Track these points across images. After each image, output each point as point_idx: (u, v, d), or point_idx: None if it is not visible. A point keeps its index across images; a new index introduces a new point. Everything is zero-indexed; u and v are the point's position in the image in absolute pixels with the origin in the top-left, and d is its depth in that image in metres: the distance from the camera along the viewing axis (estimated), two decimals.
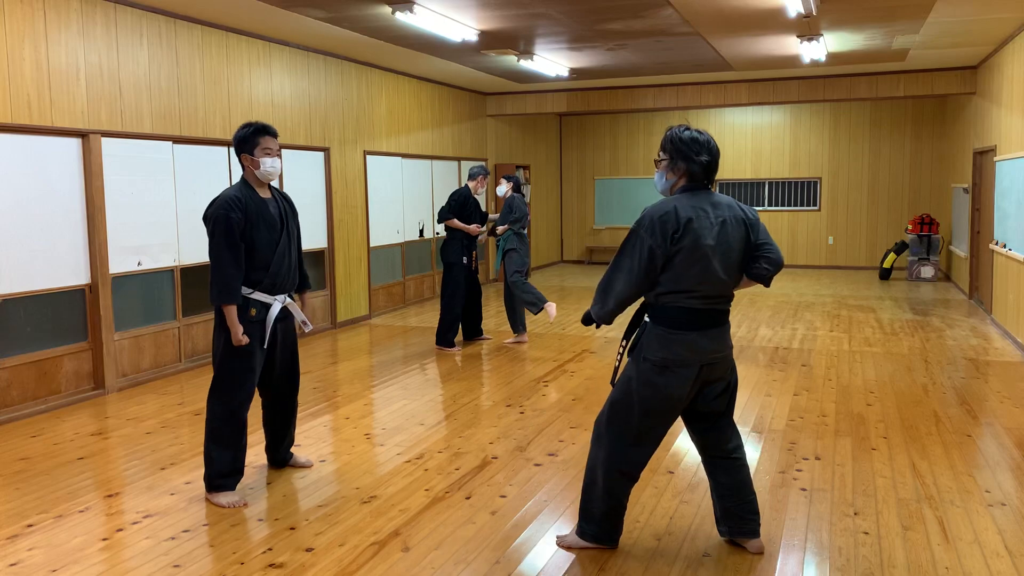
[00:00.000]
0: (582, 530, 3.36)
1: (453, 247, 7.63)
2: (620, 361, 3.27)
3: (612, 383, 3.29)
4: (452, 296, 7.62)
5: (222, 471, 3.93)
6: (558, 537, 3.44)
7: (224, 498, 3.90)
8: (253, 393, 3.99)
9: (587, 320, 3.23)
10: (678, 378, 3.09)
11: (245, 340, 3.81)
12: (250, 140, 3.93)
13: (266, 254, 3.90)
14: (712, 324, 3.12)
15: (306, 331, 4.25)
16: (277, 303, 3.99)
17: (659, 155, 3.26)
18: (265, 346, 3.97)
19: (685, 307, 3.07)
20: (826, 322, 8.92)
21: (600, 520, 3.31)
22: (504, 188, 7.98)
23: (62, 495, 4.10)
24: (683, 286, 3.05)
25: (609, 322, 3.18)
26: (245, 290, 3.87)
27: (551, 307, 7.53)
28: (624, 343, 3.26)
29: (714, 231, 3.05)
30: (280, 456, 4.39)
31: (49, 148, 5.79)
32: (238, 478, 3.99)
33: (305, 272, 4.30)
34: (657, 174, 3.28)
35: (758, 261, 3.14)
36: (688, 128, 3.18)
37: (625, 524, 3.61)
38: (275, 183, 4.17)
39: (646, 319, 3.18)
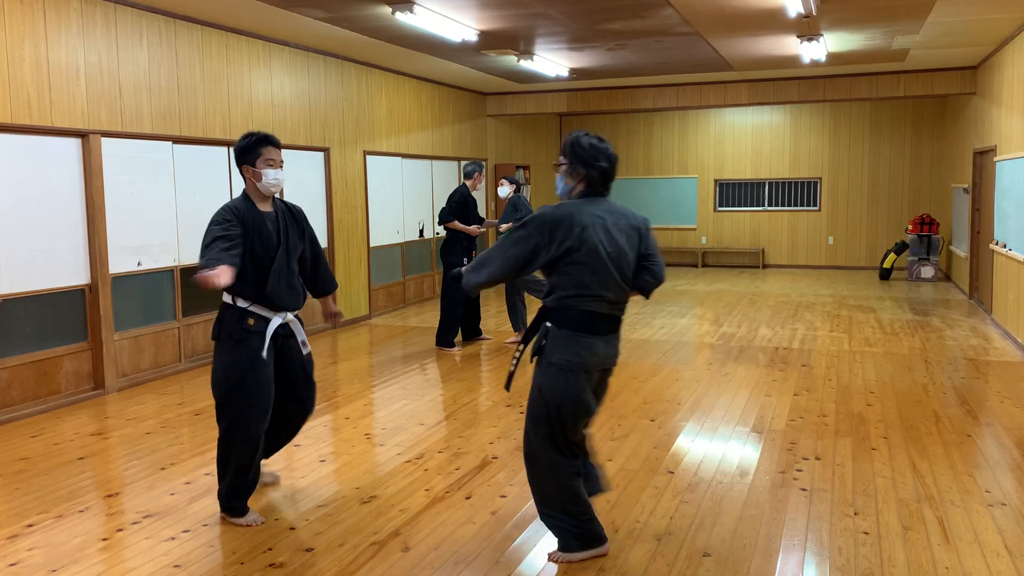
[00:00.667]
0: (567, 545, 3.28)
1: (453, 248, 7.62)
2: (515, 366, 3.29)
3: (507, 388, 3.37)
4: (452, 297, 7.61)
5: (235, 492, 3.70)
6: (550, 554, 3.32)
7: (242, 520, 3.70)
8: (266, 409, 3.68)
9: (456, 279, 3.30)
10: (580, 380, 3.14)
11: (219, 279, 3.28)
12: (251, 150, 3.69)
13: (259, 271, 3.66)
14: (611, 330, 3.21)
15: (304, 352, 3.87)
16: (277, 318, 3.71)
17: (559, 159, 3.32)
18: (264, 355, 3.65)
19: (589, 310, 3.14)
20: (826, 322, 8.92)
21: (580, 524, 3.25)
22: (507, 189, 7.97)
23: (62, 495, 4.10)
24: (588, 291, 3.12)
25: (474, 294, 3.30)
26: (242, 303, 3.64)
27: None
28: (521, 347, 3.29)
29: (611, 237, 3.14)
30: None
31: (49, 148, 5.79)
32: (249, 494, 3.77)
33: (328, 276, 4.06)
34: (557, 178, 3.34)
35: (642, 272, 3.26)
36: (588, 134, 3.27)
37: (625, 524, 3.62)
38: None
39: (547, 324, 3.20)
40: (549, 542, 3.43)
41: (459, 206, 7.62)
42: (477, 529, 3.60)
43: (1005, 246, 8.06)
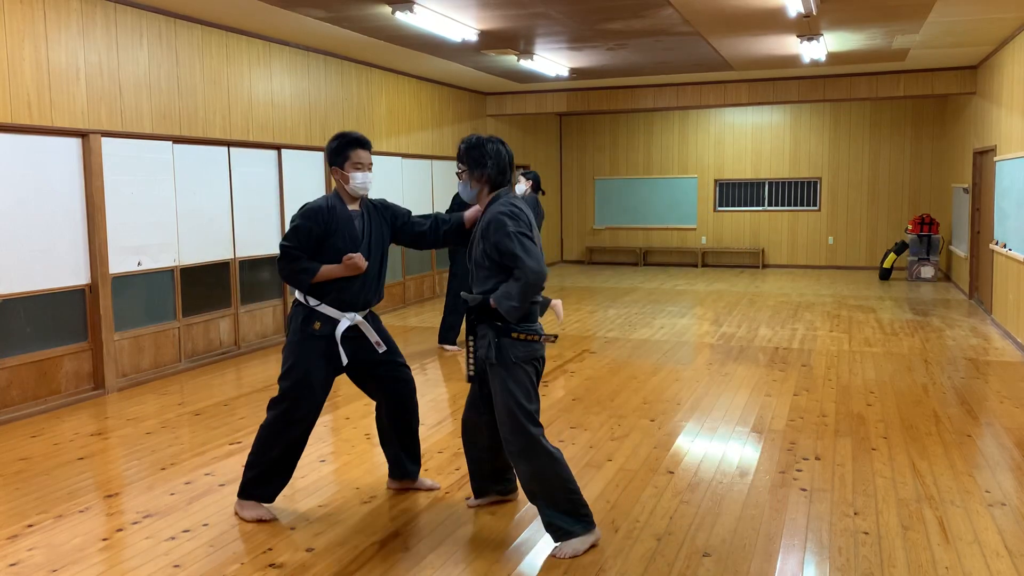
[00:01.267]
0: (572, 531, 3.33)
1: (459, 248, 7.60)
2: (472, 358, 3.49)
3: (470, 380, 3.55)
4: (457, 296, 7.63)
5: (262, 479, 3.72)
6: (555, 549, 3.34)
7: (250, 511, 3.74)
8: (314, 413, 3.72)
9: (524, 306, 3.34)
10: (536, 369, 3.42)
11: (361, 261, 3.64)
12: (340, 153, 3.71)
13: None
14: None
15: (380, 352, 3.82)
16: (346, 320, 3.70)
17: (458, 167, 3.49)
18: (345, 363, 3.71)
19: (535, 301, 3.39)
20: (826, 322, 8.92)
21: (583, 507, 3.37)
22: (523, 187, 7.65)
23: (62, 495, 4.10)
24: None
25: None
26: (312, 301, 3.67)
27: (557, 305, 7.47)
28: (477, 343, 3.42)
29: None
30: (402, 470, 4.05)
31: (49, 148, 5.79)
32: (276, 491, 3.77)
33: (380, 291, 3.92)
34: (460, 184, 3.50)
35: None
36: (480, 136, 3.45)
37: (625, 524, 3.62)
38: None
39: (499, 323, 3.32)
40: (549, 542, 3.43)
41: (460, 207, 7.61)
42: (477, 529, 3.60)
43: (1005, 246, 8.06)
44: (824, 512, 3.74)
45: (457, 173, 3.52)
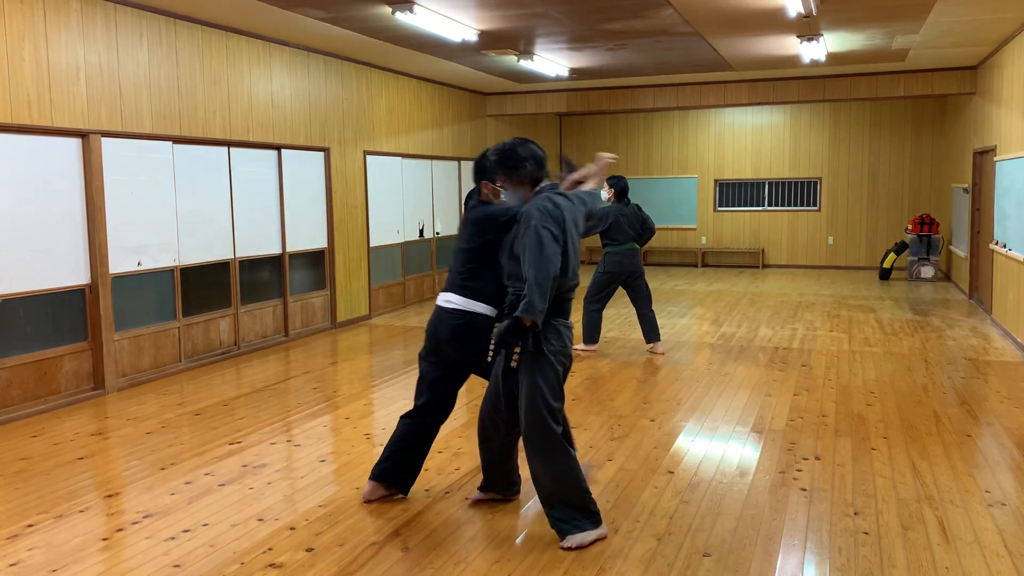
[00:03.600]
0: (581, 527, 3.39)
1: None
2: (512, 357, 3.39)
3: (513, 368, 3.44)
4: None
5: (394, 466, 3.90)
6: (563, 541, 3.39)
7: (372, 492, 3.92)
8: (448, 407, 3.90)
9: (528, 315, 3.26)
10: (564, 367, 3.41)
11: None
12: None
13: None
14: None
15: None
16: None
17: (495, 181, 3.52)
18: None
19: (568, 298, 3.41)
20: (826, 322, 8.92)
21: (592, 505, 3.44)
22: (605, 194, 7.39)
23: (62, 495, 4.10)
24: (569, 280, 3.37)
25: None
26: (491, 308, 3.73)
27: (587, 350, 7.45)
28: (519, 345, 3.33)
29: (575, 226, 3.42)
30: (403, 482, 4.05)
31: (49, 148, 5.79)
32: (410, 481, 3.93)
33: None
34: (507, 195, 3.50)
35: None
36: (504, 143, 3.47)
37: (625, 524, 3.62)
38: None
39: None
40: (549, 542, 3.43)
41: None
42: (477, 529, 3.60)
43: (1005, 246, 8.06)
44: (824, 512, 3.74)
45: (497, 188, 3.53)
